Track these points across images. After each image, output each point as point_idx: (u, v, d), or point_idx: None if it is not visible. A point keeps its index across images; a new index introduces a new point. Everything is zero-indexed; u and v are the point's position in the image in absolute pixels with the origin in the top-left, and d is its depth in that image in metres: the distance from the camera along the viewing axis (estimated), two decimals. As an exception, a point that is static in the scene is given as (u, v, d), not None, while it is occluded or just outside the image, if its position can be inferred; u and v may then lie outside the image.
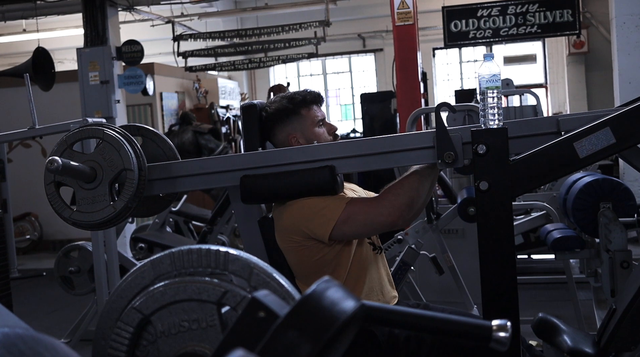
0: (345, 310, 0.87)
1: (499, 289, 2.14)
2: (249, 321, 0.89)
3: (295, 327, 0.85)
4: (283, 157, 2.40)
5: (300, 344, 0.85)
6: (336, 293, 0.89)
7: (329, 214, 2.34)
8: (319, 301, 0.87)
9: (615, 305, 3.07)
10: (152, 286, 1.24)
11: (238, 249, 1.27)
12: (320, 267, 2.41)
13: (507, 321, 1.11)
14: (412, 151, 2.29)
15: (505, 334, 1.11)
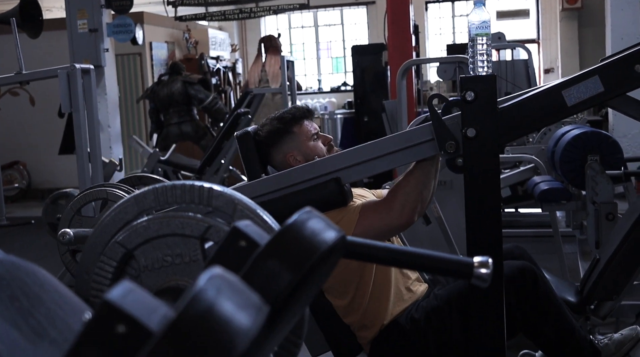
0: (326, 240, 0.87)
1: (484, 236, 2.15)
2: (230, 250, 0.89)
3: (276, 256, 0.85)
4: (286, 179, 2.37)
5: (281, 273, 0.85)
6: (317, 224, 0.89)
7: (345, 227, 2.33)
8: (300, 230, 0.87)
9: (599, 255, 3.10)
10: (136, 220, 1.24)
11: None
12: (348, 277, 2.44)
13: (488, 258, 1.12)
14: (413, 147, 2.27)
15: (487, 271, 1.12)
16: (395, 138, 2.33)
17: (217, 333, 0.54)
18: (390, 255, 1.06)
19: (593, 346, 2.40)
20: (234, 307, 0.57)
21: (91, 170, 4.23)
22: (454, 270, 1.11)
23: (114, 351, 0.58)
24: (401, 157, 2.30)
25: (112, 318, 0.58)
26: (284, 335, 0.98)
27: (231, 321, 0.56)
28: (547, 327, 2.32)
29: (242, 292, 0.60)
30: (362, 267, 2.43)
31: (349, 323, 2.49)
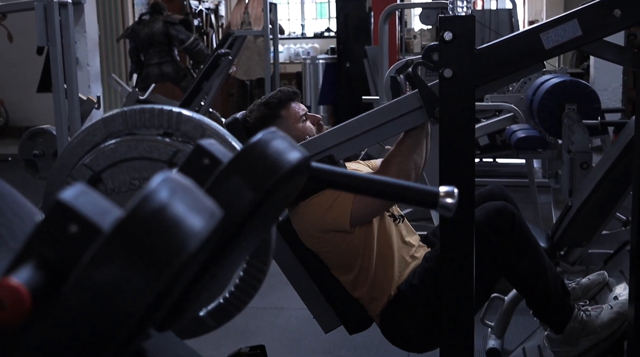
0: (290, 160, 0.87)
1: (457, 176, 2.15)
2: (193, 168, 0.89)
3: (239, 174, 0.85)
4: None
5: (243, 191, 0.85)
6: (281, 144, 0.88)
7: (342, 204, 2.36)
8: (263, 149, 0.86)
9: (571, 203, 3.13)
10: (103, 143, 1.24)
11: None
12: (351, 253, 2.45)
13: (454, 188, 1.12)
14: (402, 117, 2.28)
15: (452, 201, 1.12)
16: (383, 110, 2.34)
17: (167, 233, 0.54)
18: (355, 182, 1.06)
19: (564, 287, 2.44)
20: (187, 210, 0.57)
21: (68, 108, 4.19)
22: (419, 199, 1.11)
23: (66, 251, 0.58)
24: (391, 127, 2.31)
25: (64, 218, 0.58)
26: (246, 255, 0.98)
27: (182, 222, 0.56)
28: (522, 265, 2.36)
29: (196, 196, 0.60)
30: (365, 240, 2.45)
31: (358, 297, 2.51)
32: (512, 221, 2.37)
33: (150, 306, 0.54)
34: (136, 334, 0.58)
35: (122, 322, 0.53)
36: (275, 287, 4.06)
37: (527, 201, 4.88)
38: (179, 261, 0.54)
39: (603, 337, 2.41)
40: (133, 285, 0.53)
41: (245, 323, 3.69)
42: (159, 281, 0.53)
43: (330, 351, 3.33)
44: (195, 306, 0.97)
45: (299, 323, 3.70)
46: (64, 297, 0.54)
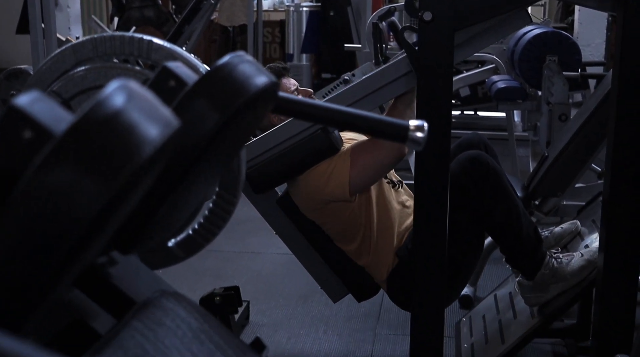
0: (256, 84, 0.86)
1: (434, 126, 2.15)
2: (158, 90, 0.87)
3: (204, 96, 0.85)
4: (275, 138, 2.40)
5: (208, 113, 0.84)
6: (249, 67, 0.88)
7: (340, 173, 2.35)
8: (230, 72, 0.86)
9: (547, 153, 3.15)
10: (73, 70, 1.22)
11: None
12: (353, 221, 2.45)
13: (424, 121, 1.12)
14: (393, 83, 2.29)
15: (422, 134, 1.12)
16: (373, 77, 2.35)
17: (120, 138, 0.54)
18: (323, 113, 1.06)
19: (537, 234, 2.46)
20: (142, 117, 0.56)
21: (46, 48, 4.13)
22: (389, 132, 1.11)
23: (19, 156, 0.57)
24: (383, 94, 2.33)
25: (18, 124, 0.57)
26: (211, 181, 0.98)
27: (136, 128, 0.55)
28: (496, 211, 2.37)
29: (153, 105, 0.60)
30: (365, 208, 2.45)
31: (363, 265, 2.52)
32: (487, 168, 2.38)
33: (103, 211, 0.54)
34: (89, 241, 0.57)
35: (73, 226, 0.53)
36: (252, 232, 4.08)
37: (506, 153, 4.90)
38: (132, 166, 0.54)
39: (572, 284, 2.44)
40: (84, 189, 0.52)
41: (221, 266, 3.71)
42: (110, 186, 0.53)
43: (304, 294, 3.36)
44: (161, 230, 0.97)
45: (274, 267, 3.73)
46: (13, 201, 0.53)
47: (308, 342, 2.95)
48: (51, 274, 0.56)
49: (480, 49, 2.35)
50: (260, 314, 3.17)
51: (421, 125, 1.12)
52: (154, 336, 0.90)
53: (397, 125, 1.10)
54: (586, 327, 2.72)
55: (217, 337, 0.98)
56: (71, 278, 0.67)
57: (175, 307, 0.96)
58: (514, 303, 2.75)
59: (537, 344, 2.83)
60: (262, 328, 3.03)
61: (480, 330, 2.80)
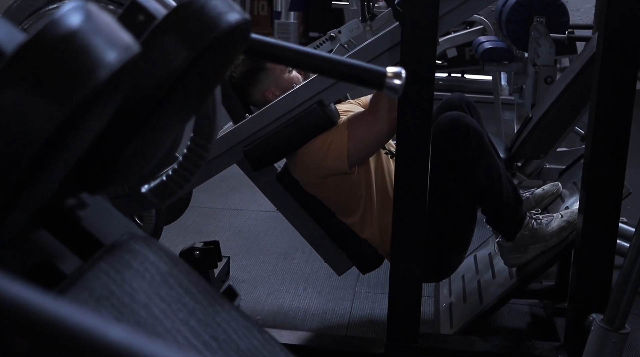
0: (228, 20, 0.84)
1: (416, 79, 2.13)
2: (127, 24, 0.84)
3: (174, 31, 0.82)
4: (271, 114, 2.38)
5: (177, 48, 0.82)
6: (221, 3, 0.85)
7: (338, 146, 2.33)
8: (202, 7, 0.83)
9: (531, 115, 3.14)
10: (45, 8, 1.18)
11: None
12: (353, 194, 2.44)
13: (402, 68, 1.10)
14: (387, 52, 2.26)
15: (399, 82, 1.10)
16: (366, 47, 2.32)
17: (74, 59, 0.52)
18: (296, 56, 1.03)
19: (517, 195, 2.46)
20: (99, 39, 0.54)
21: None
22: (365, 78, 1.09)
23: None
24: (377, 64, 2.26)
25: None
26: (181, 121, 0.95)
27: (92, 50, 0.53)
28: (477, 171, 2.37)
29: (112, 28, 0.57)
30: (365, 180, 2.44)
31: (366, 237, 2.50)
32: (467, 129, 2.37)
33: (56, 134, 0.52)
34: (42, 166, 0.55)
35: (23, 148, 0.51)
36: (234, 190, 4.07)
37: (492, 117, 4.89)
38: (86, 88, 0.51)
39: (551, 245, 2.45)
40: (34, 110, 0.50)
41: (202, 223, 3.70)
42: (63, 108, 0.51)
43: (285, 251, 3.36)
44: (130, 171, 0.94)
45: (256, 224, 3.72)
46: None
47: (288, 298, 2.95)
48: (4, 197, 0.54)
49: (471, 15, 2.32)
50: (240, 270, 3.16)
51: (399, 72, 1.09)
52: (120, 278, 0.89)
53: (374, 71, 1.08)
54: (564, 289, 2.74)
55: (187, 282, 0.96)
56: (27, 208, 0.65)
57: (144, 251, 0.95)
58: (493, 264, 2.76)
59: (514, 305, 2.85)
60: (242, 284, 3.02)
61: (459, 290, 2.81)
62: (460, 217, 2.47)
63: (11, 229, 0.63)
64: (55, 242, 0.96)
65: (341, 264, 2.63)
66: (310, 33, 8.48)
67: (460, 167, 2.37)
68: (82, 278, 0.85)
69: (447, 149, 2.35)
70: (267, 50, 1.00)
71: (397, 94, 1.09)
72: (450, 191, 2.41)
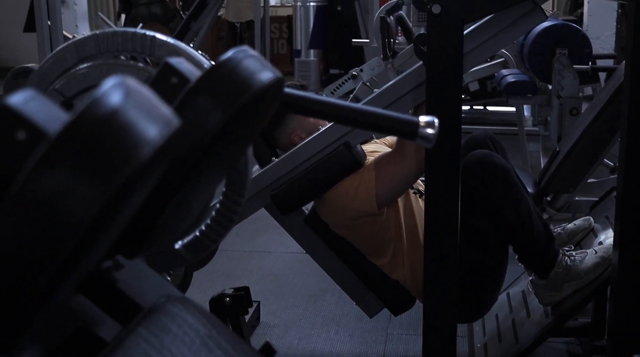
0: (261, 80, 0.83)
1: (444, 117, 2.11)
2: (161, 88, 0.84)
3: (208, 93, 0.81)
4: (298, 157, 2.37)
5: (212, 110, 0.81)
6: (253, 63, 0.84)
7: (366, 188, 2.32)
8: (234, 68, 0.82)
9: (559, 148, 3.11)
10: (75, 68, 1.19)
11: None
12: (383, 235, 2.42)
13: (435, 118, 1.09)
14: (412, 92, 2.25)
15: (432, 131, 1.09)
16: (392, 87, 2.31)
17: (117, 138, 0.51)
18: (331, 109, 1.02)
19: (549, 232, 2.42)
20: (140, 116, 0.53)
21: (52, 46, 4.11)
22: (398, 129, 1.08)
23: (13, 158, 0.54)
24: (402, 103, 2.28)
25: (11, 123, 0.54)
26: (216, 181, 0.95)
27: (134, 128, 0.52)
28: (507, 210, 2.34)
29: (152, 103, 0.56)
30: (394, 220, 2.42)
31: (398, 278, 2.48)
32: (495, 168, 2.34)
33: (100, 215, 0.51)
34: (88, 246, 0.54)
35: (69, 231, 0.50)
36: (262, 232, 4.05)
37: (516, 148, 4.86)
38: (130, 168, 0.50)
39: (587, 282, 2.40)
40: (79, 192, 0.49)
41: (231, 266, 3.68)
42: (107, 188, 0.50)
43: (315, 293, 3.33)
44: (167, 233, 0.94)
45: (285, 266, 3.70)
46: (6, 204, 0.50)
47: (320, 342, 2.92)
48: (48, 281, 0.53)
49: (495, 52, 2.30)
50: (271, 315, 3.14)
51: (431, 121, 1.08)
52: (160, 344, 0.87)
53: (407, 121, 1.07)
54: (601, 326, 2.67)
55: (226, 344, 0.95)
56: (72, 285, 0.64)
57: (182, 313, 0.94)
58: (527, 302, 2.71)
59: (551, 344, 2.79)
60: (273, 329, 3.00)
61: (493, 329, 2.76)
62: (491, 255, 2.43)
63: (54, 307, 0.62)
64: (92, 307, 0.95)
65: (372, 306, 2.59)
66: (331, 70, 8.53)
67: (490, 205, 2.35)
68: (121, 346, 0.84)
69: (475, 188, 2.33)
70: (301, 104, 0.99)
71: (430, 143, 1.08)
72: (481, 230, 2.38)
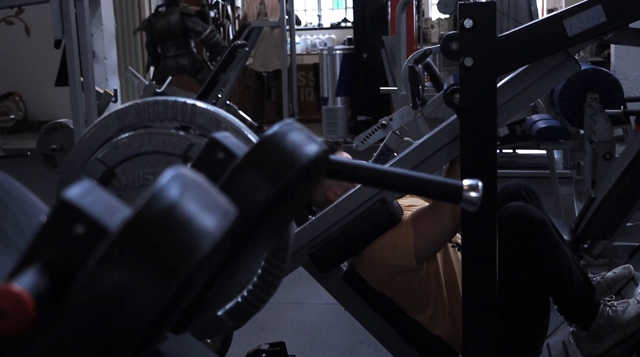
0: (307, 153, 0.83)
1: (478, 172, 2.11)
2: (207, 163, 0.85)
3: (254, 168, 0.82)
4: (334, 215, 2.36)
5: (259, 186, 0.81)
6: (299, 136, 0.85)
7: (404, 243, 2.31)
8: (280, 142, 0.83)
9: (594, 194, 3.07)
10: (116, 137, 1.20)
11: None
12: (423, 289, 2.41)
13: (478, 181, 1.08)
14: (447, 146, 2.24)
15: (477, 194, 1.08)
16: (427, 142, 2.30)
17: (177, 234, 0.51)
18: (375, 175, 1.02)
19: (589, 282, 2.39)
20: (198, 208, 0.53)
21: (85, 101, 4.17)
22: (442, 193, 1.07)
23: (72, 252, 0.54)
24: (437, 159, 2.28)
25: (69, 218, 0.54)
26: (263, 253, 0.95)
27: (193, 222, 0.52)
28: (545, 263, 2.31)
29: (208, 193, 0.56)
30: (434, 275, 2.41)
31: (439, 334, 2.46)
32: (531, 221, 2.32)
33: (162, 311, 0.51)
34: (149, 341, 0.54)
35: (133, 328, 0.49)
36: (295, 283, 4.03)
37: (548, 192, 4.82)
38: (191, 263, 0.50)
39: (630, 332, 2.36)
40: (143, 289, 0.49)
41: (265, 319, 3.66)
42: (170, 285, 0.50)
43: (351, 346, 3.30)
44: (212, 307, 0.93)
45: (319, 318, 3.67)
46: (69, 303, 0.50)
47: (356, 395, 2.88)
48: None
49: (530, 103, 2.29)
50: (306, 368, 3.11)
51: (475, 184, 1.07)
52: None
53: (450, 185, 1.06)
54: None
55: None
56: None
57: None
58: (569, 353, 2.66)
59: (593, 394, 2.73)
60: (309, 382, 2.97)
61: (534, 380, 2.71)
62: (532, 308, 2.40)
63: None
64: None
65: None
66: (358, 117, 8.56)
67: (527, 259, 2.32)
68: None
69: (512, 241, 2.30)
70: (345, 171, 0.99)
71: (474, 207, 1.06)
72: (520, 283, 2.35)
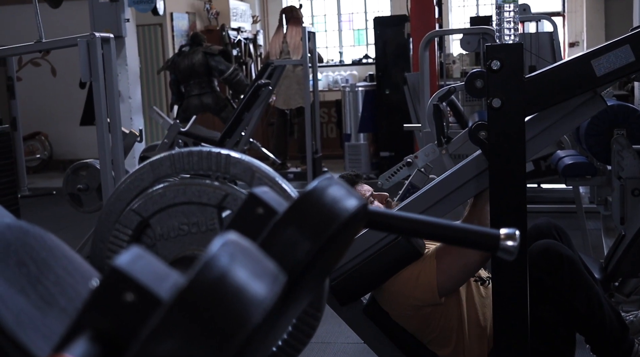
0: (347, 208, 0.83)
1: (507, 214, 2.10)
2: (247, 218, 0.85)
3: (295, 224, 0.82)
4: (356, 248, 2.36)
5: (300, 241, 0.81)
6: (338, 191, 0.85)
7: (427, 277, 2.31)
8: (319, 198, 0.83)
9: (624, 231, 3.04)
10: (151, 188, 1.21)
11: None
12: (445, 323, 2.41)
13: (515, 229, 1.07)
14: (471, 181, 2.23)
15: (513, 243, 1.08)
16: (451, 177, 2.29)
17: (230, 303, 0.51)
18: (414, 225, 1.02)
19: (622, 321, 2.36)
20: (249, 276, 0.54)
21: (111, 141, 4.21)
22: (479, 242, 1.07)
23: (123, 320, 0.54)
24: (461, 194, 2.27)
25: (120, 285, 0.55)
26: (302, 306, 0.94)
27: (245, 290, 0.52)
28: (576, 302, 2.29)
29: (258, 259, 0.57)
30: (455, 309, 2.40)
31: None
32: (560, 259, 2.30)
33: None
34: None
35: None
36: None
37: (574, 227, 4.77)
38: (244, 332, 0.50)
39: (665, 372, 2.32)
40: (196, 360, 0.49)
41: (291, 357, 3.63)
42: (223, 355, 0.50)
43: (378, 385, 3.26)
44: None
45: (346, 357, 3.64)
46: (122, 374, 0.51)
47: None
48: None
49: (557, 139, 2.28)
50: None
51: (512, 233, 1.07)
52: None
53: (488, 234, 1.06)
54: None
55: None
56: None
57: None
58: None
59: None
60: None
61: None
62: (559, 347, 2.37)
63: None
64: None
65: None
66: (381, 153, 8.56)
67: (557, 297, 2.30)
68: None
69: (541, 279, 2.28)
70: (384, 221, 1.00)
71: (512, 256, 1.06)
72: (548, 321, 2.32)
